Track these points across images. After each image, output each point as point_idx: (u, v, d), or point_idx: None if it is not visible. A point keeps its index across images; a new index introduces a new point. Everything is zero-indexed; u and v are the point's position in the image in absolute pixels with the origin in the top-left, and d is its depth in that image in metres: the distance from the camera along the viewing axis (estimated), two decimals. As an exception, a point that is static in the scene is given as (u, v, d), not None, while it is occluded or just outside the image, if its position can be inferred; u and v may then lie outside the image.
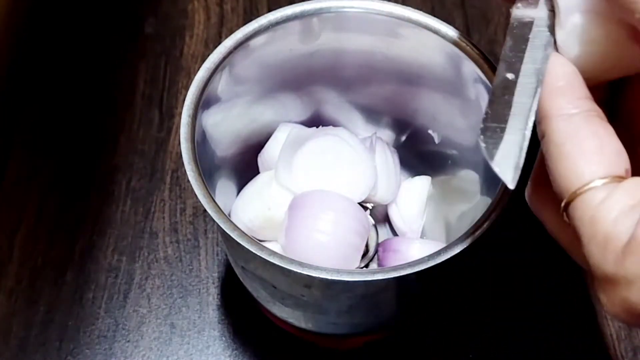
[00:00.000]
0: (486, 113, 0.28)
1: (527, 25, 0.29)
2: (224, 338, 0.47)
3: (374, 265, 0.44)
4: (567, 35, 0.28)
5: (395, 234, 0.46)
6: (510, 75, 0.28)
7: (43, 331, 0.47)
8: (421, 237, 0.45)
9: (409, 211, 0.44)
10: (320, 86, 0.44)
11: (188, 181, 0.35)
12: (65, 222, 0.51)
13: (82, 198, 0.52)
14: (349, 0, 0.41)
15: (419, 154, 0.46)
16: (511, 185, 0.26)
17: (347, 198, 0.40)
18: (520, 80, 0.28)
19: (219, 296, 0.49)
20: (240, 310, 0.48)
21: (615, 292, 0.24)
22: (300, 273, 0.33)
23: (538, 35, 0.29)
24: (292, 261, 0.33)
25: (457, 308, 0.48)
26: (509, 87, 0.28)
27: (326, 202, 0.40)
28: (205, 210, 0.35)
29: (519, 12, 0.30)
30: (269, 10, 0.41)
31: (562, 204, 0.26)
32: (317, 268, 0.33)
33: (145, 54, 0.59)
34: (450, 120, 0.43)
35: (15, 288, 0.49)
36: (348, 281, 0.33)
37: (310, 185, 0.41)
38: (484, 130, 0.27)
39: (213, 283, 0.49)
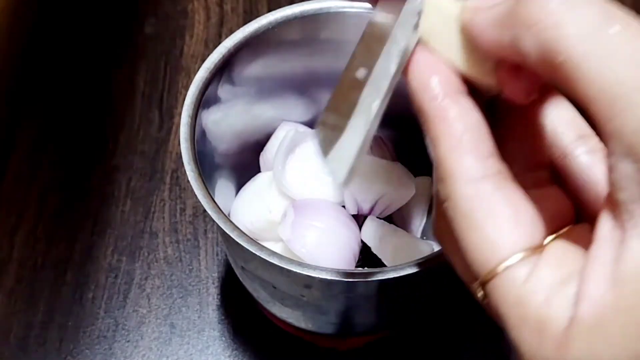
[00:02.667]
0: (327, 107, 0.25)
1: (384, 29, 0.26)
2: (223, 338, 0.47)
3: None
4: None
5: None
6: (360, 74, 0.26)
7: (43, 331, 0.47)
8: (421, 237, 0.45)
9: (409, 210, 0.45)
10: (321, 86, 0.44)
11: (188, 181, 0.35)
12: (65, 222, 0.51)
13: (82, 198, 0.52)
14: (349, 0, 0.41)
15: (419, 154, 0.46)
16: (343, 186, 0.24)
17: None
18: (371, 80, 0.25)
19: (218, 296, 0.49)
20: (240, 310, 0.48)
21: None
22: (300, 273, 0.33)
23: (396, 40, 0.26)
24: (291, 261, 0.33)
25: (457, 308, 0.48)
26: (357, 86, 0.25)
27: (326, 209, 0.40)
28: (205, 211, 0.35)
29: (378, 15, 0.28)
30: (269, 11, 0.41)
31: (477, 282, 0.23)
32: (317, 268, 0.33)
33: (146, 54, 0.59)
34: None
35: (15, 288, 0.49)
36: (348, 281, 0.33)
37: (304, 190, 0.41)
38: (322, 124, 0.25)
39: (213, 283, 0.49)
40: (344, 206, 0.42)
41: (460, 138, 0.23)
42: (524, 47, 0.21)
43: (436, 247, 0.40)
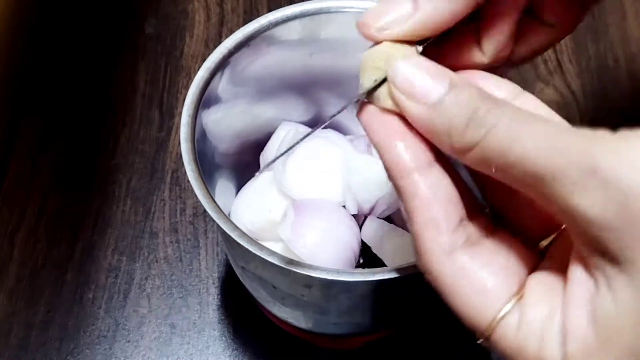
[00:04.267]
0: None
1: None
2: (224, 338, 0.47)
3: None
4: None
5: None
6: None
7: (43, 331, 0.47)
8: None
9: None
10: (321, 86, 0.44)
11: (188, 181, 0.35)
12: (66, 222, 0.51)
13: (82, 198, 0.52)
14: (349, 0, 0.41)
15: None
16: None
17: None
18: None
19: (219, 296, 0.49)
20: (240, 310, 0.48)
21: None
22: (300, 273, 0.33)
23: None
24: (291, 261, 0.33)
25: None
26: None
27: (326, 209, 0.40)
28: (205, 210, 0.35)
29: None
30: (269, 10, 0.41)
31: (478, 340, 0.25)
32: (317, 268, 0.33)
33: (146, 54, 0.59)
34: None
35: (16, 288, 0.49)
36: (348, 281, 0.33)
37: (304, 190, 0.41)
38: None
39: (213, 283, 0.49)
40: (344, 206, 0.42)
41: (433, 215, 0.24)
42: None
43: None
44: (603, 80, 0.58)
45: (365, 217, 0.43)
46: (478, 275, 0.24)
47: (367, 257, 0.43)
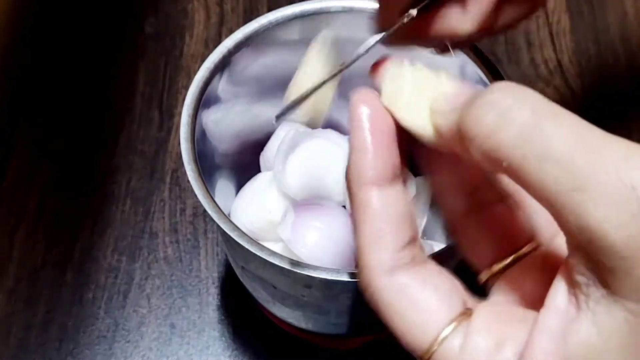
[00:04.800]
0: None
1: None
2: (223, 338, 0.47)
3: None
4: None
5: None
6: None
7: (43, 331, 0.47)
8: (421, 237, 0.45)
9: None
10: (320, 86, 0.44)
11: (188, 181, 0.35)
12: (65, 222, 0.51)
13: (82, 198, 0.52)
14: (349, 0, 0.41)
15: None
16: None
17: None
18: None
19: (218, 296, 0.49)
20: (240, 310, 0.48)
21: None
22: (300, 273, 0.33)
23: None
24: (292, 261, 0.33)
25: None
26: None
27: (326, 209, 0.40)
28: (205, 211, 0.35)
29: None
30: (269, 10, 0.41)
31: None
32: (317, 268, 0.33)
33: (145, 53, 0.59)
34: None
35: (15, 288, 0.49)
36: (348, 281, 0.33)
37: (304, 190, 0.41)
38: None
39: (213, 283, 0.49)
40: (344, 206, 0.42)
41: (380, 230, 0.23)
42: (474, 157, 0.22)
43: (436, 247, 0.40)
44: (604, 80, 0.58)
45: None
46: (419, 295, 0.23)
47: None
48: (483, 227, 0.26)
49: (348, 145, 0.25)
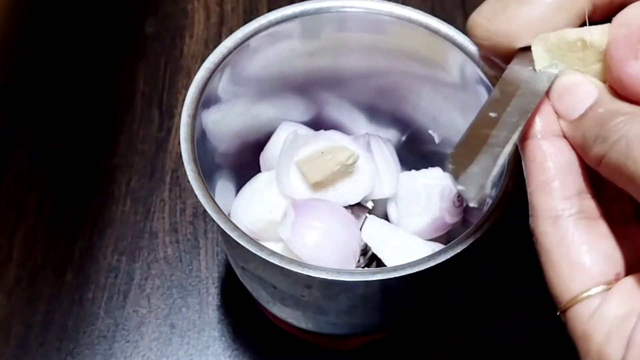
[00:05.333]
0: (461, 141, 0.27)
1: (517, 83, 0.29)
2: (223, 338, 0.47)
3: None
4: None
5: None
6: (492, 114, 0.28)
7: (43, 331, 0.47)
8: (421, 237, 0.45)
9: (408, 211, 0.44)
10: (321, 86, 0.44)
11: (188, 181, 0.35)
12: (65, 222, 0.51)
13: (81, 198, 0.52)
14: (349, 0, 0.41)
15: (419, 154, 0.46)
16: (472, 203, 0.26)
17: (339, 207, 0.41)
18: (503, 118, 0.28)
19: (218, 296, 0.49)
20: (240, 310, 0.48)
21: None
22: (300, 273, 0.33)
23: (526, 92, 0.29)
24: (292, 261, 0.33)
25: (457, 308, 0.48)
26: (489, 124, 0.28)
27: (326, 209, 0.40)
28: (205, 211, 0.35)
29: (514, 69, 0.30)
30: (269, 10, 0.41)
31: (558, 311, 0.25)
32: (317, 268, 0.33)
33: (145, 53, 0.59)
34: (451, 121, 0.43)
35: (15, 288, 0.49)
36: (348, 281, 0.33)
37: (309, 193, 0.41)
38: (454, 155, 0.27)
39: (213, 283, 0.49)
40: (344, 206, 0.42)
41: (547, 178, 0.25)
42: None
43: (436, 248, 0.40)
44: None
45: (366, 217, 0.43)
46: (576, 249, 0.25)
47: (367, 257, 0.43)
48: None
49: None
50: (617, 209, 0.26)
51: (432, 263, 0.33)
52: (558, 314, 0.25)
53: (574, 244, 0.25)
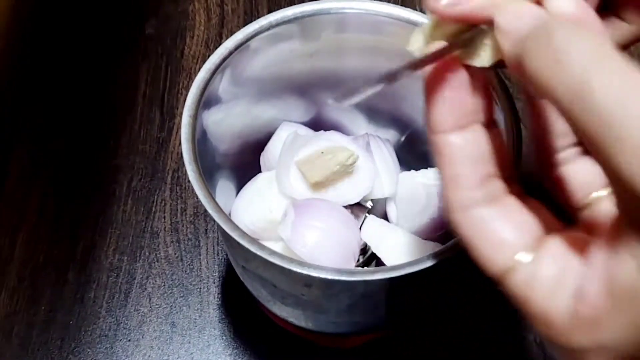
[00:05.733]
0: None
1: None
2: (224, 337, 0.48)
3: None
4: None
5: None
6: None
7: (44, 330, 0.47)
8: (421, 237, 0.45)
9: (407, 211, 0.45)
10: (321, 87, 0.45)
11: (189, 181, 0.36)
12: (67, 221, 0.52)
13: (83, 198, 0.53)
14: (348, 1, 0.41)
15: (418, 154, 0.46)
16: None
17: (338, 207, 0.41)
18: None
19: (219, 295, 0.49)
20: (240, 309, 0.48)
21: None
22: (301, 272, 0.33)
23: None
24: (292, 260, 0.33)
25: (457, 308, 0.48)
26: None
27: (326, 209, 0.40)
28: (206, 210, 0.35)
29: None
30: (270, 12, 0.41)
31: (494, 283, 0.26)
32: (317, 267, 0.33)
33: (146, 54, 0.60)
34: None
35: (17, 287, 0.49)
36: (348, 281, 0.33)
37: (309, 193, 0.41)
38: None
39: (214, 282, 0.49)
40: (344, 206, 0.42)
41: (454, 173, 0.26)
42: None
43: (435, 247, 0.40)
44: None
45: (365, 217, 0.43)
46: (492, 227, 0.26)
47: (367, 257, 0.43)
48: (582, 162, 0.28)
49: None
50: (513, 189, 0.27)
51: (431, 262, 0.34)
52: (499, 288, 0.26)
53: (487, 224, 0.26)
